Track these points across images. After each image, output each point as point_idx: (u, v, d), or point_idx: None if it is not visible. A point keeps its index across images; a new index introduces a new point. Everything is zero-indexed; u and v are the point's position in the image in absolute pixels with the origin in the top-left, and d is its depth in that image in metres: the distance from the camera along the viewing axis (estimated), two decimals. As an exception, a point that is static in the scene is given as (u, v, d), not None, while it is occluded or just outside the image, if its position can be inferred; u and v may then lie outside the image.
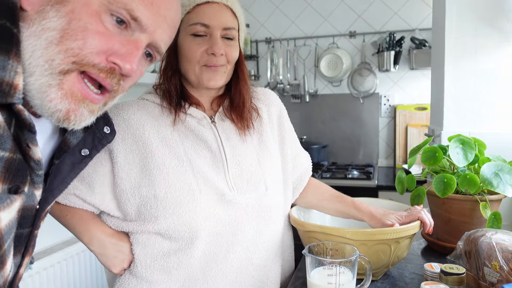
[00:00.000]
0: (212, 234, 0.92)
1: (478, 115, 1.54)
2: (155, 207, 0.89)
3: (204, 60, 0.92)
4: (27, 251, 0.63)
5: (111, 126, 0.76)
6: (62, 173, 0.66)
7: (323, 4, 3.11)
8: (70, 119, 0.57)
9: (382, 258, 0.95)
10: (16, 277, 0.62)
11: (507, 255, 0.80)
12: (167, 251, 0.91)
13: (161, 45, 0.65)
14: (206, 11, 0.91)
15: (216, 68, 0.93)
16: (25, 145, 0.54)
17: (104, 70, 0.57)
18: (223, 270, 0.93)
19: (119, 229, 0.94)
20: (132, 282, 0.93)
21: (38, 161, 0.57)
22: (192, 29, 0.91)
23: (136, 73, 0.63)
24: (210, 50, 0.91)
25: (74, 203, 0.92)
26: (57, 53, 0.53)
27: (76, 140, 0.68)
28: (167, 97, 0.96)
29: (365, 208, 1.06)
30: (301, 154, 1.18)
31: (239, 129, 1.00)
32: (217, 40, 0.91)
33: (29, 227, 0.61)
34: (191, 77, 0.95)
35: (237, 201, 0.94)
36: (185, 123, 0.96)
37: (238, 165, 0.97)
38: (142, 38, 0.60)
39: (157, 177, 0.89)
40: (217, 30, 0.92)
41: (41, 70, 0.53)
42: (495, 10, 1.49)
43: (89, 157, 0.70)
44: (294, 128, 1.19)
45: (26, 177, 0.56)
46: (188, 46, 0.92)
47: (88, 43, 0.55)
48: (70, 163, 0.67)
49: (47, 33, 0.53)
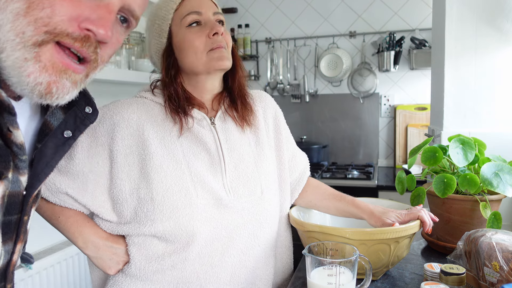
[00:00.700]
0: (208, 238, 0.91)
1: (478, 115, 1.54)
2: (152, 210, 0.88)
3: (209, 45, 0.93)
4: (19, 238, 0.61)
5: (93, 106, 0.73)
6: (46, 157, 0.64)
7: (323, 4, 3.11)
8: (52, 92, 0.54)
9: (382, 257, 0.95)
10: (10, 263, 0.61)
11: (507, 255, 0.80)
12: (161, 253, 0.91)
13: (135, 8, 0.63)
14: (192, 1, 0.94)
15: (221, 49, 0.94)
16: (5, 129, 0.53)
17: (79, 39, 0.54)
18: (218, 273, 0.93)
19: (114, 233, 0.92)
20: (125, 282, 0.91)
21: (21, 145, 0.55)
22: (187, 20, 0.93)
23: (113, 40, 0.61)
24: (212, 32, 0.92)
25: (65, 202, 0.90)
26: (26, 25, 0.50)
27: (57, 122, 0.66)
28: (173, 102, 0.95)
29: (365, 206, 1.06)
30: (298, 154, 1.18)
31: (240, 124, 1.00)
32: (213, 22, 0.94)
33: (18, 213, 0.60)
34: (199, 68, 0.94)
35: (233, 205, 0.94)
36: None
37: (235, 168, 0.97)
38: (114, 1, 0.58)
39: (154, 180, 0.89)
40: (210, 14, 0.95)
41: (13, 45, 0.50)
42: (495, 10, 1.49)
43: (72, 139, 0.68)
44: (294, 128, 1.19)
45: (9, 162, 0.54)
46: (189, 37, 0.93)
47: (57, 10, 0.52)
48: (54, 146, 0.65)
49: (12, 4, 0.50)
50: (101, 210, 0.91)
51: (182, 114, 0.94)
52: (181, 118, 0.94)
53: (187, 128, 0.95)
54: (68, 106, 0.68)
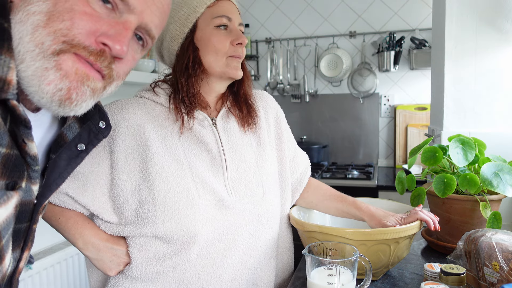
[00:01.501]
0: (210, 239, 0.91)
1: (478, 115, 1.54)
2: (153, 211, 0.88)
3: (231, 52, 0.94)
4: (26, 245, 0.63)
5: (107, 121, 0.75)
6: (59, 168, 0.66)
7: (323, 4, 3.11)
8: (71, 98, 0.55)
9: (382, 258, 0.95)
10: (16, 271, 0.62)
11: (507, 255, 0.80)
12: (163, 254, 0.90)
13: (151, 28, 0.64)
14: (226, 6, 0.96)
15: (239, 60, 0.96)
16: (20, 141, 0.54)
17: (94, 53, 0.56)
18: (219, 274, 0.92)
19: (114, 234, 0.92)
20: (126, 284, 0.91)
21: (34, 157, 0.57)
22: (217, 21, 0.94)
23: (128, 58, 0.62)
24: (237, 41, 0.94)
25: (65, 203, 0.90)
26: (46, 35, 0.52)
27: (72, 135, 0.68)
28: (185, 100, 0.94)
29: (366, 207, 1.06)
30: (299, 154, 1.18)
31: (242, 125, 1.00)
32: (240, 32, 0.97)
33: (27, 221, 0.61)
34: (216, 69, 0.95)
35: (234, 206, 0.94)
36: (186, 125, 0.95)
37: (237, 168, 0.97)
38: (131, 19, 0.59)
39: (156, 181, 0.88)
40: (237, 24, 0.97)
41: (32, 55, 0.52)
42: (495, 10, 1.49)
43: (85, 152, 0.70)
44: (294, 128, 1.19)
45: (23, 172, 0.55)
46: (217, 37, 0.94)
47: (76, 24, 0.53)
48: (67, 157, 0.67)
49: (33, 17, 0.52)
50: (101, 211, 0.90)
51: (185, 112, 0.94)
52: (183, 116, 0.93)
53: (188, 128, 0.94)
54: (83, 120, 0.70)
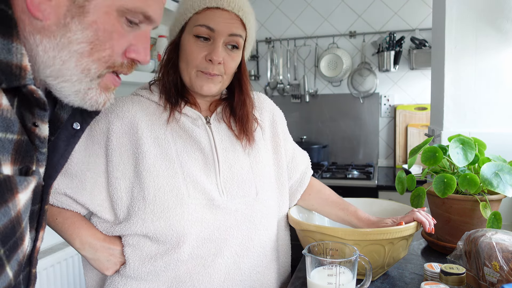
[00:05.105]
0: (200, 239, 0.91)
1: (478, 115, 1.54)
2: (143, 209, 0.88)
3: (202, 67, 0.91)
4: (41, 226, 0.67)
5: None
6: (60, 149, 0.69)
7: (323, 4, 3.11)
8: (98, 102, 0.63)
9: (377, 258, 0.94)
10: (34, 250, 0.67)
11: (507, 255, 0.80)
12: (154, 254, 0.91)
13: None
14: (215, 15, 0.90)
15: (210, 77, 0.92)
16: (30, 124, 0.57)
17: (129, 67, 0.64)
18: (210, 274, 0.92)
19: (110, 234, 0.92)
20: (121, 283, 0.92)
21: (44, 139, 0.60)
22: (196, 30, 0.91)
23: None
24: (209, 56, 0.90)
25: (63, 203, 0.90)
26: (91, 63, 0.59)
27: (67, 115, 0.70)
28: (165, 92, 0.95)
29: (366, 218, 1.07)
30: (298, 155, 1.17)
31: (239, 139, 0.99)
32: (218, 47, 0.91)
33: (39, 203, 0.65)
34: (186, 79, 0.94)
35: (226, 206, 0.93)
36: (179, 123, 0.95)
37: (230, 168, 0.96)
38: (149, 28, 0.66)
39: (146, 179, 0.89)
40: (221, 36, 0.91)
41: (80, 78, 0.59)
42: (495, 10, 1.49)
43: (80, 131, 0.72)
44: (294, 128, 1.19)
45: (32, 156, 0.58)
46: (190, 47, 0.92)
47: (116, 51, 0.61)
48: (65, 138, 0.70)
49: (76, 45, 0.57)
50: (99, 208, 0.91)
51: (174, 103, 0.94)
52: (171, 107, 0.94)
53: (176, 121, 0.94)
54: None
